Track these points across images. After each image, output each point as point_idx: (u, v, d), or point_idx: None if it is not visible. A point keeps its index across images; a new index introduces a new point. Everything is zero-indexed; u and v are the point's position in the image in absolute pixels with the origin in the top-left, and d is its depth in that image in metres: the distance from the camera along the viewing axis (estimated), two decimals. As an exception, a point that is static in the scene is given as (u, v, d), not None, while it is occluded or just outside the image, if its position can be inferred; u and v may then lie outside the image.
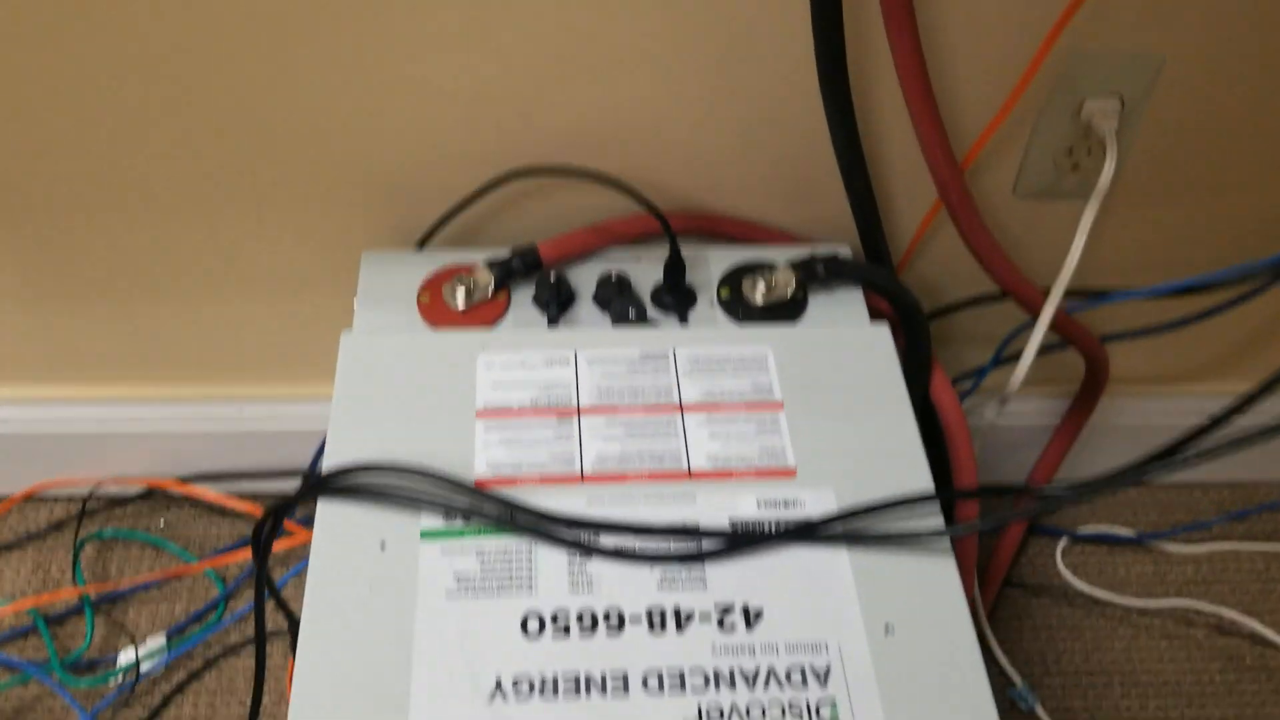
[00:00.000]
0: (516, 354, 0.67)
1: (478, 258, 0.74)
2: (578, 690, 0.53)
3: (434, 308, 0.73)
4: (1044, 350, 0.88)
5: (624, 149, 0.75)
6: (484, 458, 0.62)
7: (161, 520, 1.00)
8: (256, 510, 0.98)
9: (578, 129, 0.74)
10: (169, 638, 0.92)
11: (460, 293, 0.72)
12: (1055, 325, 0.81)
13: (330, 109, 0.72)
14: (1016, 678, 0.91)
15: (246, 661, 0.92)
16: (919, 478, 0.61)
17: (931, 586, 0.57)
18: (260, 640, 0.66)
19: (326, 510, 0.59)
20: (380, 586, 0.56)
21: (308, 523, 0.91)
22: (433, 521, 0.59)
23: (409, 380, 0.65)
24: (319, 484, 0.59)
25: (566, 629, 0.55)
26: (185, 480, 0.98)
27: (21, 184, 0.77)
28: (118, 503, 1.00)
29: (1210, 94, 0.74)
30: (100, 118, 0.72)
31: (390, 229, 0.81)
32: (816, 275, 0.74)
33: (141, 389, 0.94)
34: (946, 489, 0.74)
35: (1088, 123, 0.76)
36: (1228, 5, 0.69)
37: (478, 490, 0.59)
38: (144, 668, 0.90)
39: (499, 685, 0.53)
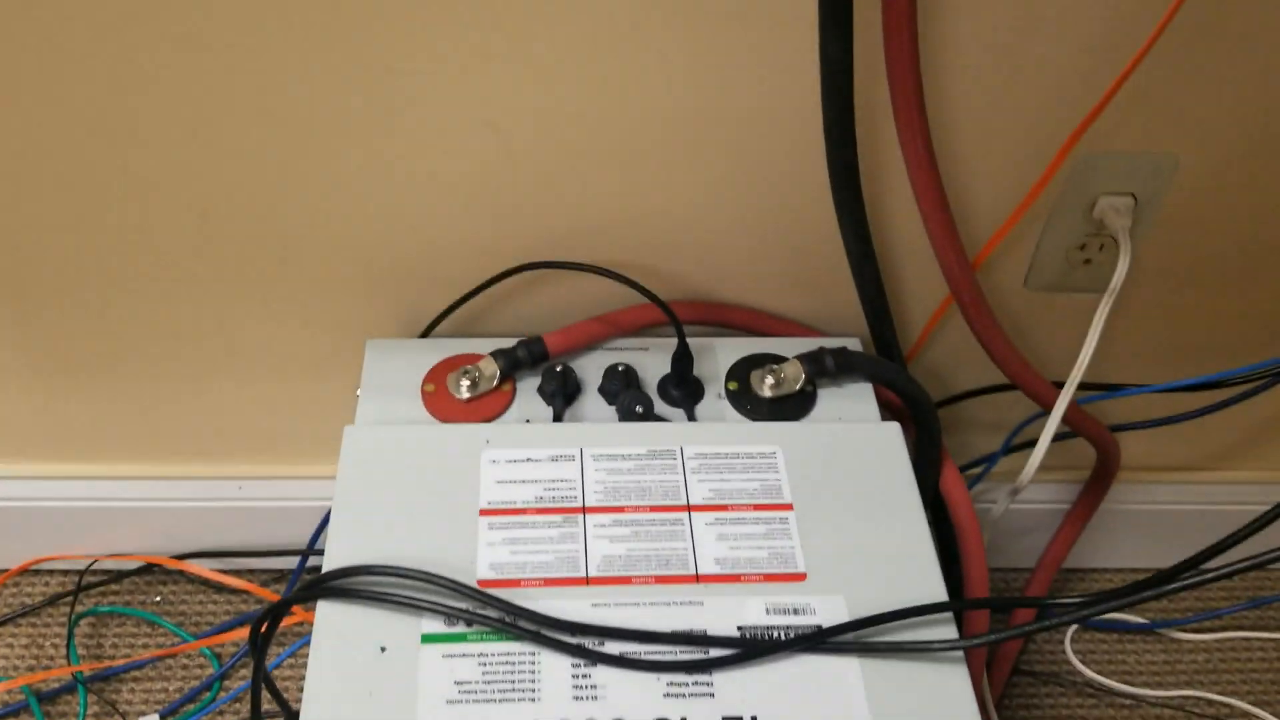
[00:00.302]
0: (521, 450, 0.66)
1: (483, 347, 0.73)
2: (581, 809, 0.51)
3: (438, 398, 0.72)
4: (1055, 438, 0.87)
5: (631, 238, 0.75)
6: (487, 558, 0.61)
7: (158, 596, 0.99)
8: (253, 588, 0.97)
9: (585, 219, 0.74)
10: (162, 718, 0.91)
11: (465, 384, 0.72)
12: (1067, 418, 0.80)
13: (336, 197, 0.72)
14: (1025, 773, 0.90)
15: (242, 744, 0.90)
16: (931, 583, 0.60)
17: (943, 699, 0.56)
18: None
19: (326, 611, 0.58)
20: (380, 692, 0.55)
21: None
22: (434, 625, 0.58)
23: (412, 476, 0.65)
24: (318, 584, 0.59)
25: (570, 742, 0.54)
26: (182, 557, 0.97)
27: (27, 260, 0.77)
28: (114, 578, 0.99)
29: (1223, 193, 0.74)
30: (106, 199, 0.72)
31: (395, 316, 0.80)
32: (826, 369, 0.73)
33: (140, 466, 0.93)
34: (958, 598, 0.73)
35: (1100, 219, 0.76)
36: (1241, 107, 0.68)
37: (480, 593, 0.58)
38: (136, 749, 0.88)
39: (500, 802, 0.51)
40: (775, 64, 0.65)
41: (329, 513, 0.63)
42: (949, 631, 0.58)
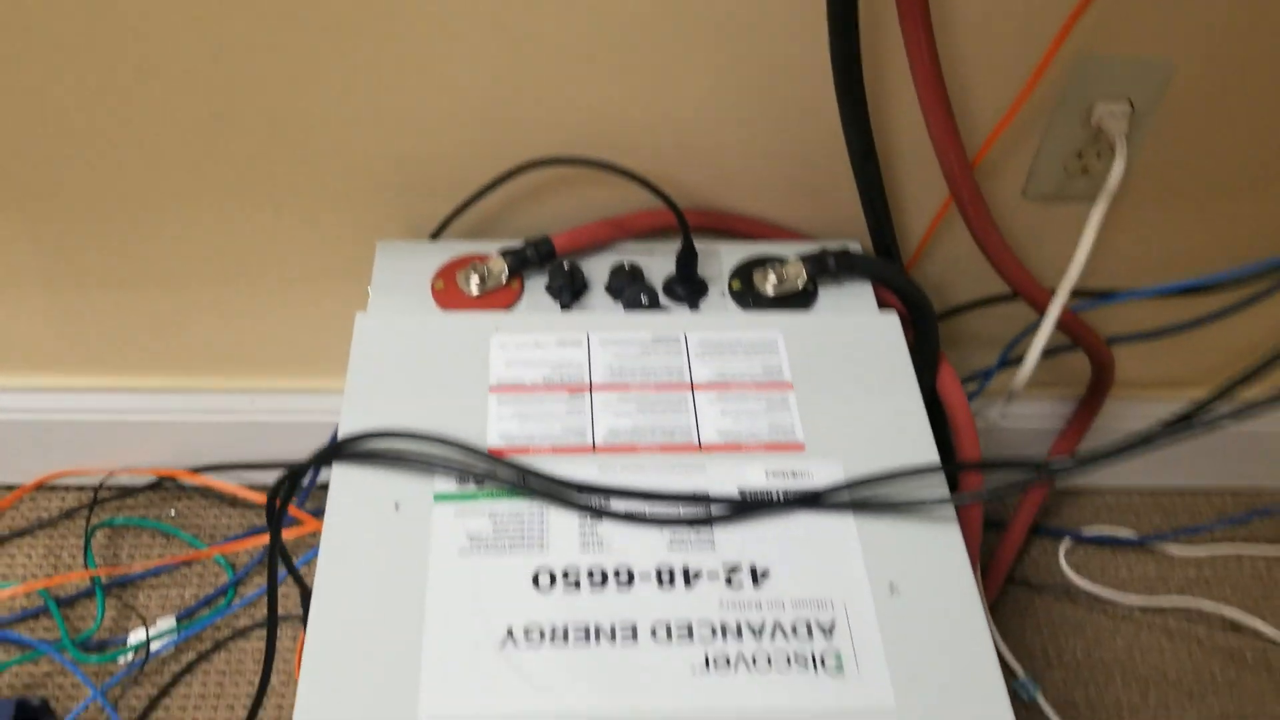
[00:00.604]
0: (529, 335, 0.68)
1: (492, 249, 0.76)
2: (587, 638, 0.54)
3: (448, 294, 0.74)
4: (1050, 352, 0.90)
5: (637, 146, 0.77)
6: (497, 430, 0.63)
7: (172, 510, 1.01)
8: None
9: (592, 126, 0.76)
10: (178, 620, 0.93)
11: (474, 280, 0.74)
12: (1062, 324, 0.82)
13: (346, 103, 0.74)
14: (1019, 669, 0.92)
15: (255, 644, 0.93)
16: (925, 452, 0.63)
17: (936, 550, 0.58)
18: (272, 604, 0.68)
19: (342, 474, 0.61)
20: (394, 544, 0.57)
21: (318, 514, 0.92)
22: (446, 485, 0.60)
23: (423, 358, 0.67)
24: (335, 449, 0.61)
25: (577, 584, 0.56)
26: (196, 470, 0.99)
27: (45, 175, 0.79)
28: (129, 492, 1.01)
29: (1219, 99, 0.76)
30: (123, 113, 0.74)
31: (404, 221, 0.82)
32: (827, 269, 0.75)
33: (153, 379, 0.95)
34: (951, 462, 0.75)
35: (1098, 126, 0.78)
36: (1237, 12, 0.70)
37: (491, 455, 0.60)
38: (154, 647, 0.90)
39: (510, 634, 0.54)
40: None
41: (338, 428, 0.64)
42: (941, 491, 0.60)
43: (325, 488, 0.61)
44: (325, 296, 0.88)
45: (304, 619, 0.72)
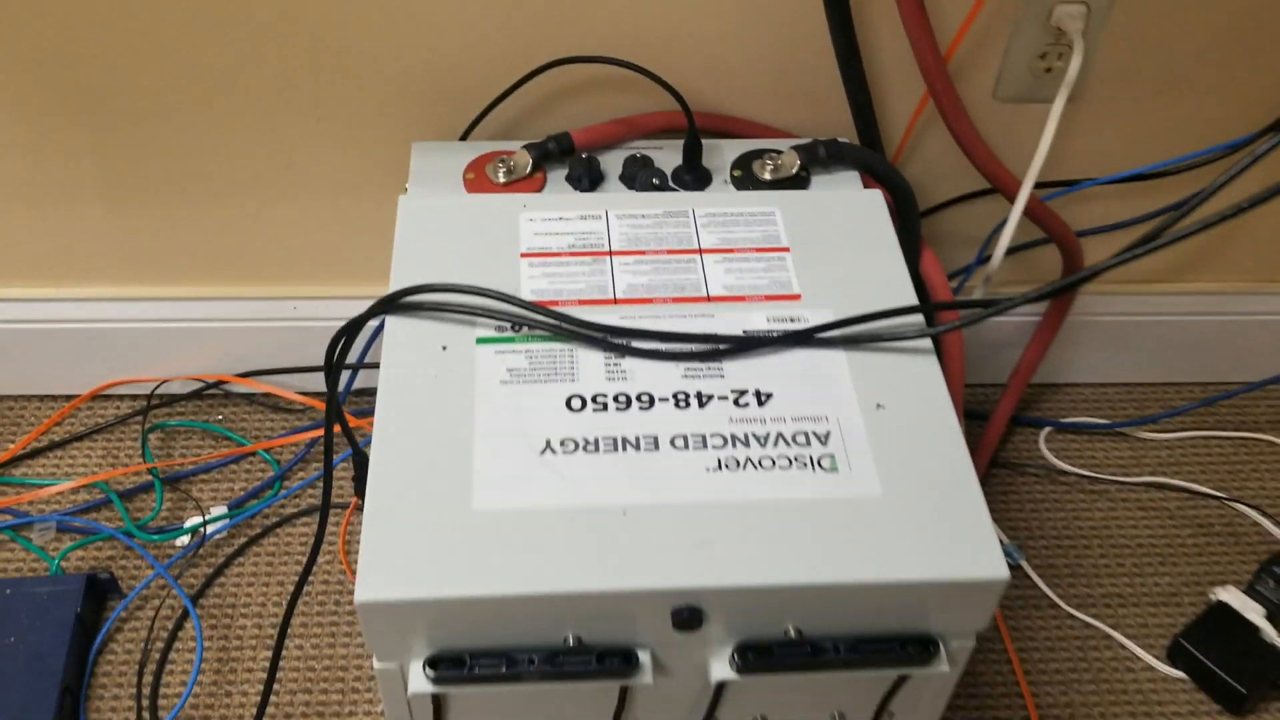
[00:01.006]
0: (554, 211, 0.77)
1: (516, 146, 0.84)
2: (615, 448, 0.62)
3: (478, 184, 0.83)
4: (1023, 247, 0.98)
5: (646, 54, 0.85)
6: (529, 287, 0.71)
7: (220, 415, 1.10)
8: (310, 401, 1.08)
9: (606, 34, 0.84)
10: (230, 509, 1.01)
11: (501, 171, 0.82)
12: (1031, 213, 0.90)
13: (381, 14, 0.82)
14: (1004, 538, 1.01)
15: (301, 529, 1.01)
16: (906, 298, 0.71)
17: (916, 375, 0.67)
18: (328, 456, 0.76)
19: (394, 324, 0.69)
20: (444, 377, 0.66)
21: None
22: (486, 330, 0.68)
23: (459, 231, 0.75)
24: (388, 300, 0.69)
25: (605, 406, 0.64)
26: (242, 376, 1.07)
27: (102, 89, 0.87)
28: (178, 399, 1.09)
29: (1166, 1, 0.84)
30: (174, 27, 0.82)
31: (436, 127, 0.91)
32: (818, 158, 0.84)
33: (201, 288, 1.03)
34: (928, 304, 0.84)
35: (1057, 27, 0.86)
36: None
37: (527, 303, 0.68)
38: (208, 530, 0.99)
39: (548, 444, 0.62)
40: None
41: (382, 323, 0.71)
42: (919, 327, 0.68)
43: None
44: (363, 204, 0.96)
45: (356, 481, 0.81)
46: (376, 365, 0.70)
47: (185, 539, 0.99)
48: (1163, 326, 1.09)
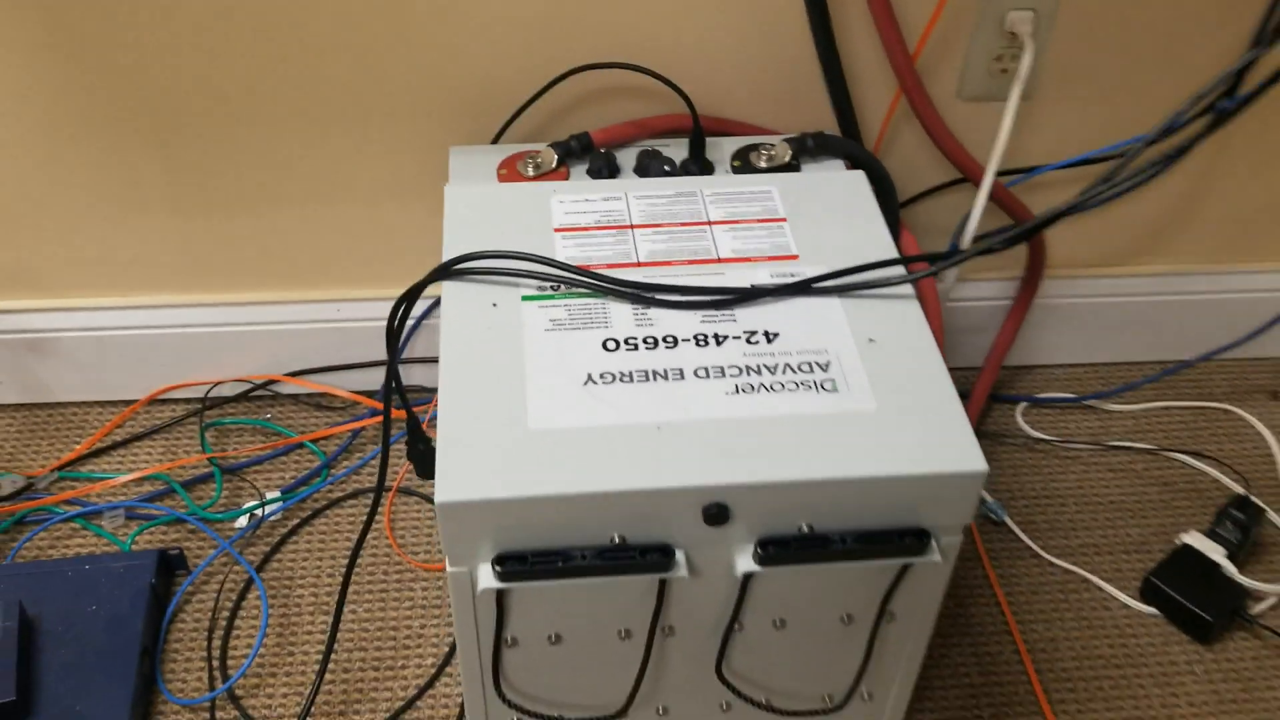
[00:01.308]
0: (581, 194, 0.88)
1: (542, 146, 0.96)
2: (647, 378, 0.73)
3: (510, 178, 0.94)
4: (991, 235, 1.10)
5: (652, 63, 0.97)
6: (563, 254, 0.83)
7: (269, 414, 1.20)
8: (353, 397, 1.18)
9: (621, 47, 0.97)
10: (283, 493, 1.11)
11: (530, 167, 0.94)
12: (997, 198, 1.02)
13: (420, 34, 0.94)
14: (988, 497, 1.11)
15: (349, 511, 1.11)
16: (889, 254, 0.82)
17: (901, 315, 0.78)
18: (386, 420, 0.86)
19: (450, 288, 0.80)
20: (496, 328, 0.76)
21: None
22: (530, 290, 0.79)
23: (499, 213, 0.86)
24: (445, 268, 0.80)
25: (635, 347, 0.75)
26: (290, 375, 1.18)
27: (170, 111, 0.99)
28: (229, 401, 1.20)
29: (1104, 4, 0.97)
30: (234, 52, 0.94)
31: (470, 134, 1.02)
32: (807, 148, 0.96)
33: (249, 293, 1.14)
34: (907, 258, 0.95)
35: (1010, 31, 0.98)
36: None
37: (566, 265, 0.79)
38: (265, 512, 1.09)
39: (589, 377, 0.73)
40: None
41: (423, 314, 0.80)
42: (905, 288, 0.80)
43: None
44: (403, 209, 1.08)
45: (410, 445, 0.90)
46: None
47: (244, 520, 1.09)
48: (1123, 307, 1.20)
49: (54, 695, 0.92)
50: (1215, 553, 1.04)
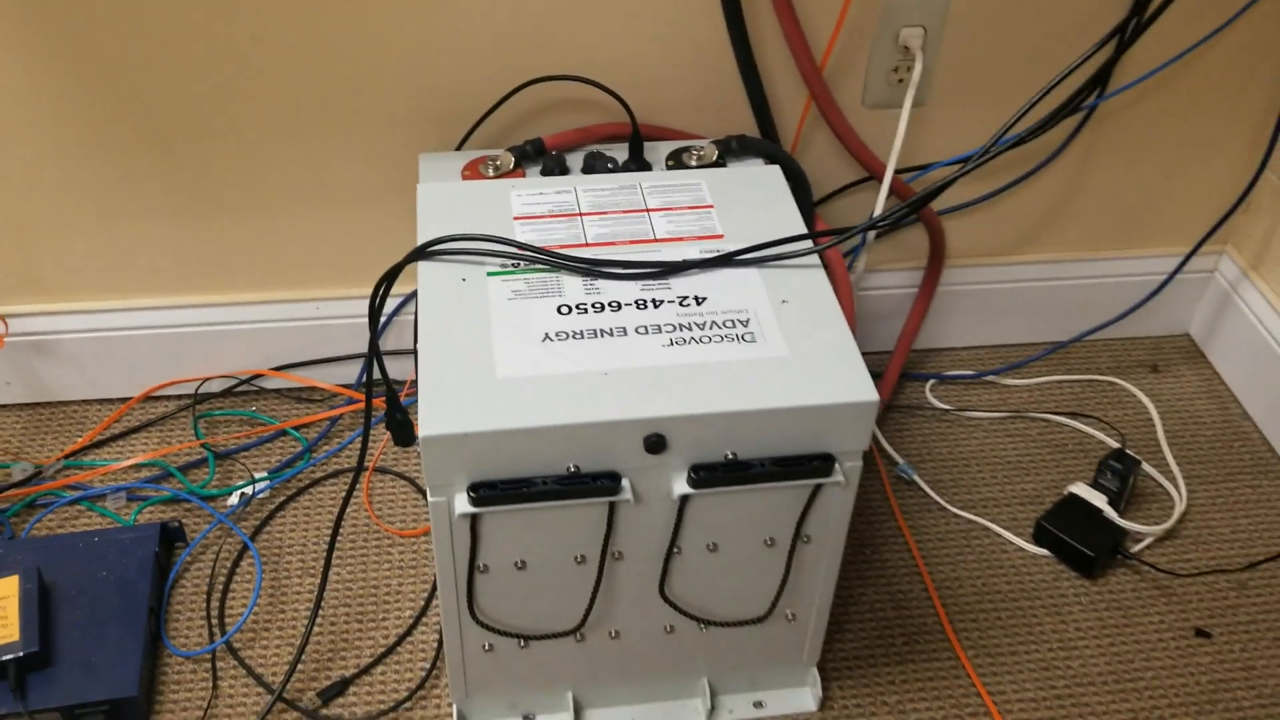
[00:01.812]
0: (535, 189, 1.02)
1: (500, 150, 1.10)
2: (596, 335, 0.87)
3: (473, 178, 1.08)
4: (896, 227, 1.26)
5: (599, 76, 1.12)
6: (522, 239, 0.96)
7: (253, 406, 1.32)
8: (332, 388, 1.31)
9: (567, 63, 1.11)
10: (270, 474, 1.24)
11: (490, 169, 1.08)
12: (898, 192, 1.17)
13: (394, 56, 1.08)
14: (899, 459, 1.26)
15: (330, 489, 1.24)
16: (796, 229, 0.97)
17: (809, 282, 0.92)
18: (369, 392, 0.99)
19: (425, 268, 0.93)
20: (465, 298, 0.90)
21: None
22: (494, 266, 0.93)
23: (466, 205, 1.00)
24: (420, 250, 0.94)
25: (585, 310, 0.89)
26: (275, 370, 1.30)
27: (168, 124, 1.12)
28: (216, 396, 1.32)
29: (988, 19, 1.13)
30: (228, 70, 1.08)
31: (436, 142, 1.16)
32: (731, 149, 1.10)
33: (236, 294, 1.26)
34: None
35: (904, 45, 1.14)
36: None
37: (526, 245, 0.93)
38: (255, 489, 1.21)
39: (547, 335, 0.87)
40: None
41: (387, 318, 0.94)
42: (813, 259, 0.94)
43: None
44: (375, 215, 1.21)
45: (388, 414, 1.03)
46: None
47: (235, 498, 1.21)
48: (1016, 292, 1.36)
49: (74, 647, 1.04)
50: (1098, 499, 1.19)
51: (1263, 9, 1.15)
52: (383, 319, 1.24)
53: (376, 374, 0.89)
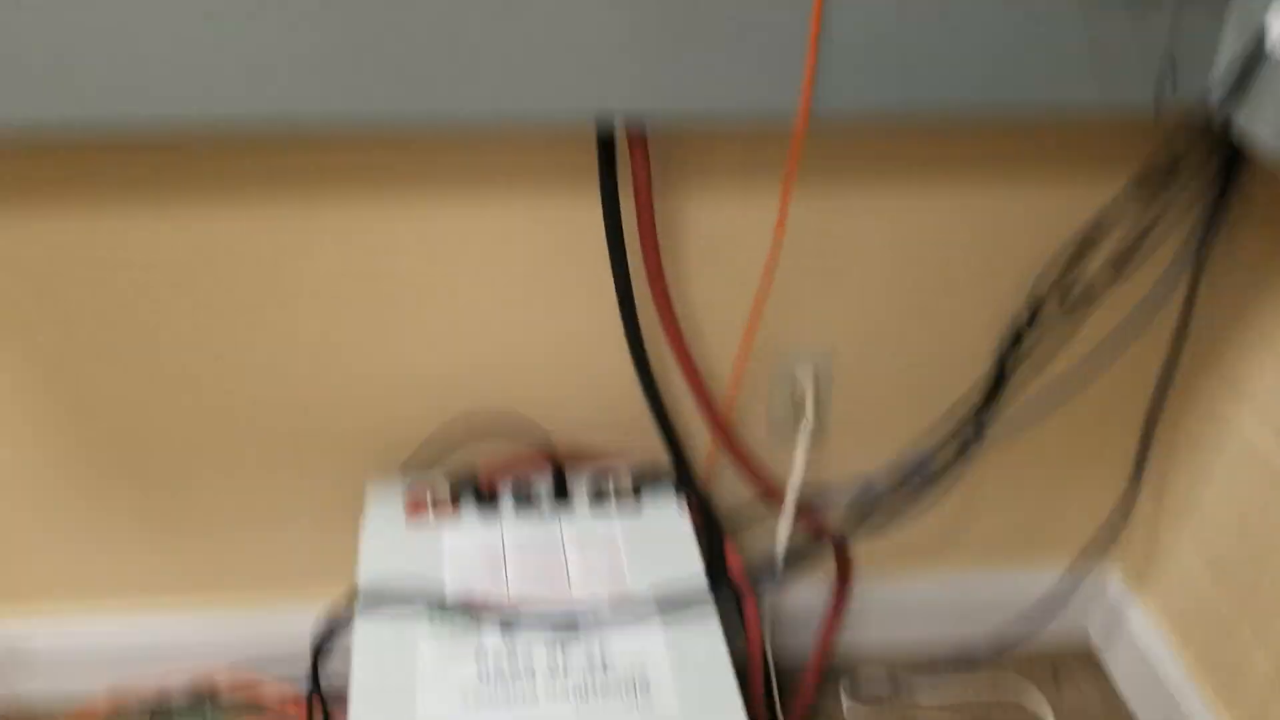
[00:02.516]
0: (465, 535, 1.14)
1: (440, 473, 1.22)
2: (508, 698, 0.97)
3: (414, 507, 1.19)
4: (807, 555, 1.37)
5: (526, 408, 1.25)
6: (451, 581, 1.07)
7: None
8: (285, 708, 1.39)
9: (498, 397, 1.24)
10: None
11: (429, 496, 1.20)
12: (801, 513, 1.29)
13: (343, 395, 1.21)
14: None
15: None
16: (699, 580, 1.09)
17: (708, 638, 1.03)
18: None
19: (363, 623, 1.04)
20: (397, 645, 1.01)
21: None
22: (424, 621, 1.04)
23: (403, 550, 1.11)
24: (362, 605, 1.04)
25: (502, 661, 1.00)
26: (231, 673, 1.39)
27: (141, 450, 1.24)
28: (173, 700, 1.40)
29: (869, 369, 1.27)
30: (191, 409, 1.20)
31: (382, 464, 1.28)
32: (645, 478, 1.23)
33: (189, 598, 1.36)
34: (714, 582, 1.20)
35: (799, 388, 1.28)
36: (874, 312, 1.22)
37: (452, 603, 1.04)
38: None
39: (466, 686, 0.97)
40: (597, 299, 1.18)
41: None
42: (706, 598, 1.06)
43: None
44: (322, 530, 1.32)
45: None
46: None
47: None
48: (924, 601, 1.47)
49: None
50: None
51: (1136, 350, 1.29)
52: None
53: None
